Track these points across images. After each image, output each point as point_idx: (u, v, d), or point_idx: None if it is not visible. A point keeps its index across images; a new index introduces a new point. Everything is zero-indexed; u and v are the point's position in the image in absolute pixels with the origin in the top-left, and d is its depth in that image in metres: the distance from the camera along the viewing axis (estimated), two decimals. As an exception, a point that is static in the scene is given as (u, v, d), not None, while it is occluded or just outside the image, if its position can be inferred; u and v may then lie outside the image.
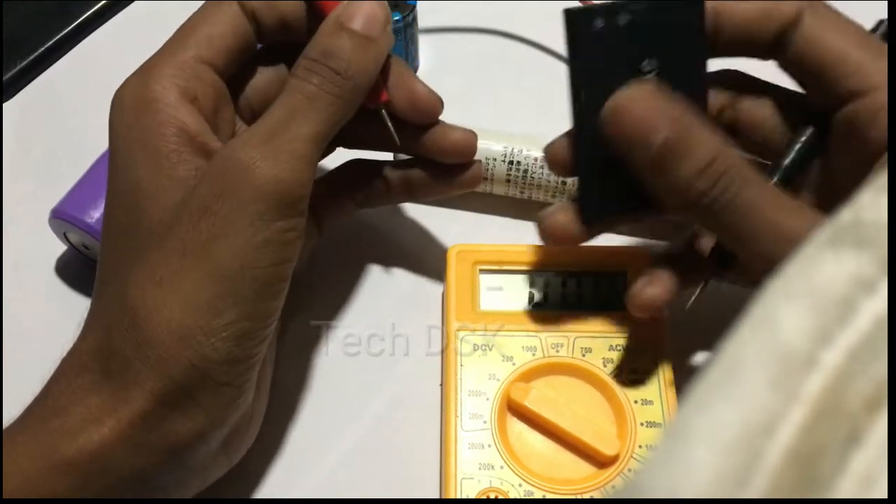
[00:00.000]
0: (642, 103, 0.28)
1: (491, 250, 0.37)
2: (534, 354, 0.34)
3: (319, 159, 0.30)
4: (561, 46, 0.46)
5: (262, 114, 0.29)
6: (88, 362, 0.28)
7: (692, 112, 0.28)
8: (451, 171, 0.35)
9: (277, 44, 0.33)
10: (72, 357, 0.29)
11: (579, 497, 0.31)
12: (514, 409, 0.33)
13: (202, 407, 0.28)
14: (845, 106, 0.29)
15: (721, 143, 0.28)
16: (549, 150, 0.32)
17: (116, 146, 0.30)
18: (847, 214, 0.15)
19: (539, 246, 0.36)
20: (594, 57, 0.29)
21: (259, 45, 0.33)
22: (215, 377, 0.27)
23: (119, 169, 0.30)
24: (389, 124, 0.33)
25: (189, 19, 0.31)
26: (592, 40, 0.29)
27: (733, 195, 0.28)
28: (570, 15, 0.29)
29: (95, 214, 0.37)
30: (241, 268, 0.27)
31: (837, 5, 0.30)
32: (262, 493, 0.34)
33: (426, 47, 0.47)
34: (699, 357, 0.36)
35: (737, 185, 0.28)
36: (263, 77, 0.33)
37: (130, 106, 0.29)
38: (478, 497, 0.31)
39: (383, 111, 0.33)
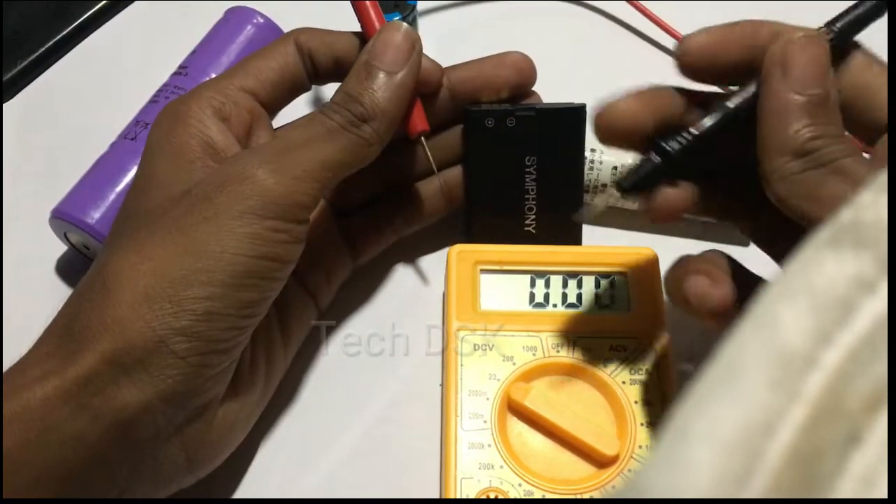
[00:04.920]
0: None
1: (491, 250, 0.37)
2: (534, 354, 0.34)
3: (333, 184, 0.32)
4: (560, 48, 0.46)
5: None
6: (55, 328, 0.29)
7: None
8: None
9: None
10: (47, 329, 0.30)
11: (579, 497, 0.31)
12: (515, 409, 0.33)
13: (151, 376, 0.27)
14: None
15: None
16: None
17: (148, 151, 0.32)
18: (847, 214, 0.15)
19: (539, 246, 0.36)
20: (483, 149, 0.36)
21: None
22: (171, 345, 0.27)
23: (143, 169, 0.32)
24: (429, 153, 0.36)
25: (253, 52, 0.35)
26: (483, 135, 0.36)
27: (831, 159, 0.27)
28: (466, 113, 0.35)
29: (96, 215, 0.37)
30: (221, 251, 0.28)
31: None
32: (262, 492, 0.34)
33: (426, 47, 0.47)
34: (699, 357, 0.36)
35: (836, 154, 0.27)
36: None
37: (168, 118, 0.32)
38: (478, 497, 0.31)
39: (422, 140, 0.35)
